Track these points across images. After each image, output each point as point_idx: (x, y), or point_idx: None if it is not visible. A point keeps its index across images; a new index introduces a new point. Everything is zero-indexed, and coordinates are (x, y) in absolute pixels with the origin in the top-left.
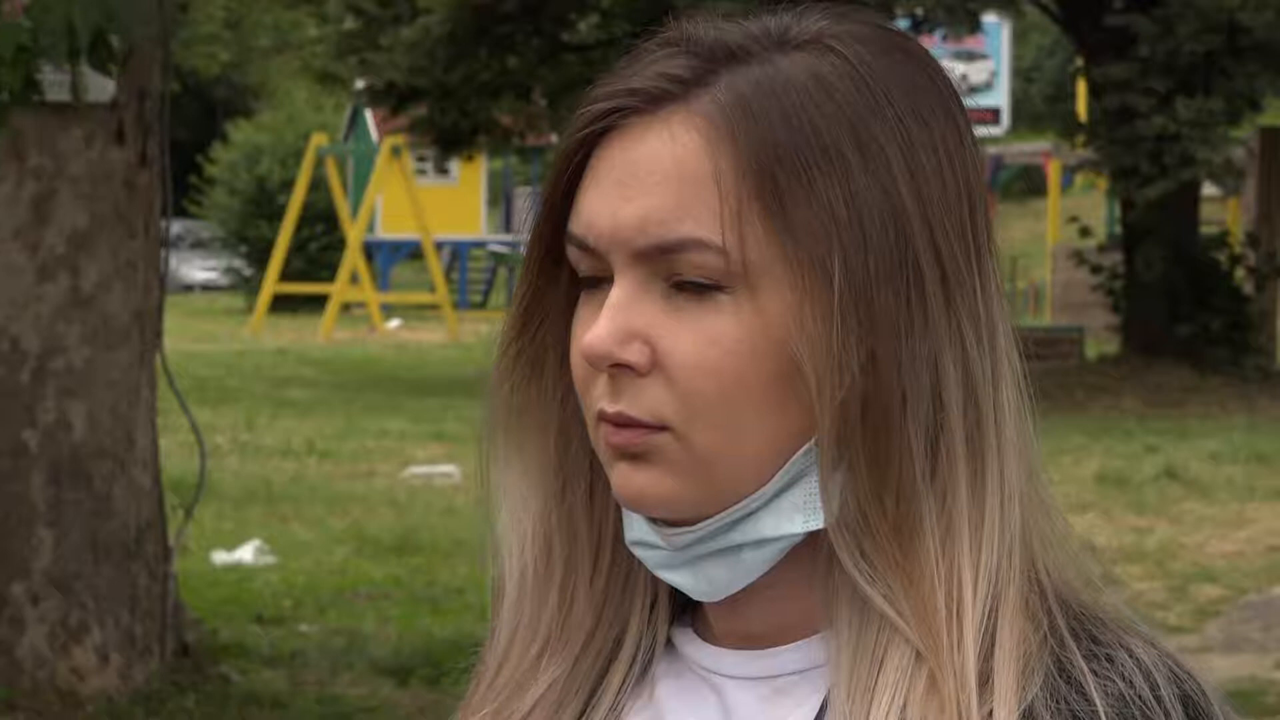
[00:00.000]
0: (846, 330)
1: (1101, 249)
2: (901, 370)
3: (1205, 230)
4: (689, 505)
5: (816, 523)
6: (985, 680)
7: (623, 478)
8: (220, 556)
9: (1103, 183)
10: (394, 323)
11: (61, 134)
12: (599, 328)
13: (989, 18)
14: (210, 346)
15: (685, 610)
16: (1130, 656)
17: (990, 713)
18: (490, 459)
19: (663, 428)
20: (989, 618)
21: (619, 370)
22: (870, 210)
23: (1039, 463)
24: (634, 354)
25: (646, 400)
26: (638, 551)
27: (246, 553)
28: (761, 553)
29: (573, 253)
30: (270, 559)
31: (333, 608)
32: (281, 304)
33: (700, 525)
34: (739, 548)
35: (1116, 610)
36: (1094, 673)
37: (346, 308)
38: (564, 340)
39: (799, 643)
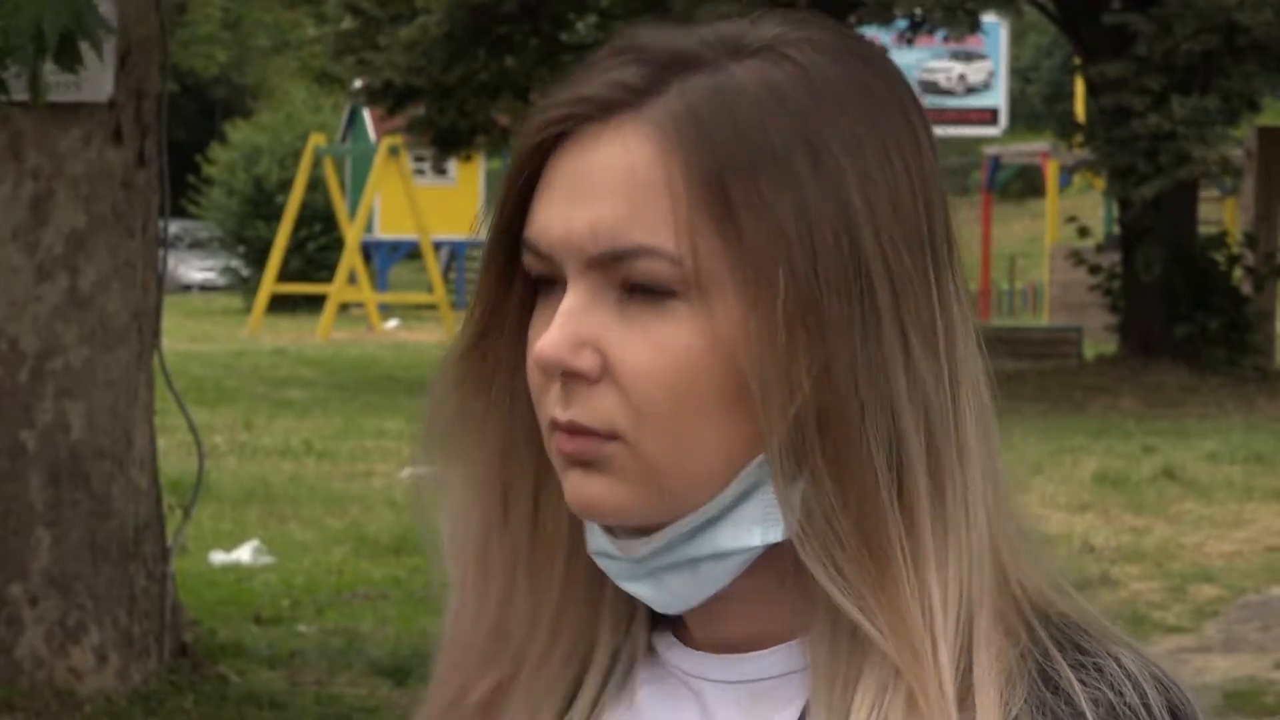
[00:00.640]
0: (794, 340)
1: (1100, 249)
2: (858, 381)
3: (1203, 230)
4: (640, 514)
5: (776, 535)
6: (965, 697)
7: (574, 486)
8: (218, 557)
9: (1100, 183)
10: (392, 323)
11: (59, 134)
12: (550, 334)
13: (988, 17)
14: (208, 347)
15: (667, 615)
16: (1118, 666)
17: None
18: (432, 463)
19: (614, 436)
20: (962, 633)
21: (570, 378)
22: (820, 220)
23: (1004, 473)
24: (585, 361)
25: (598, 408)
26: (600, 561)
27: (244, 553)
28: (721, 565)
29: (528, 258)
30: (268, 559)
31: (331, 608)
32: (279, 304)
33: (655, 536)
34: (697, 561)
35: (1095, 618)
36: (1082, 682)
37: (344, 308)
38: (517, 350)
39: (778, 647)
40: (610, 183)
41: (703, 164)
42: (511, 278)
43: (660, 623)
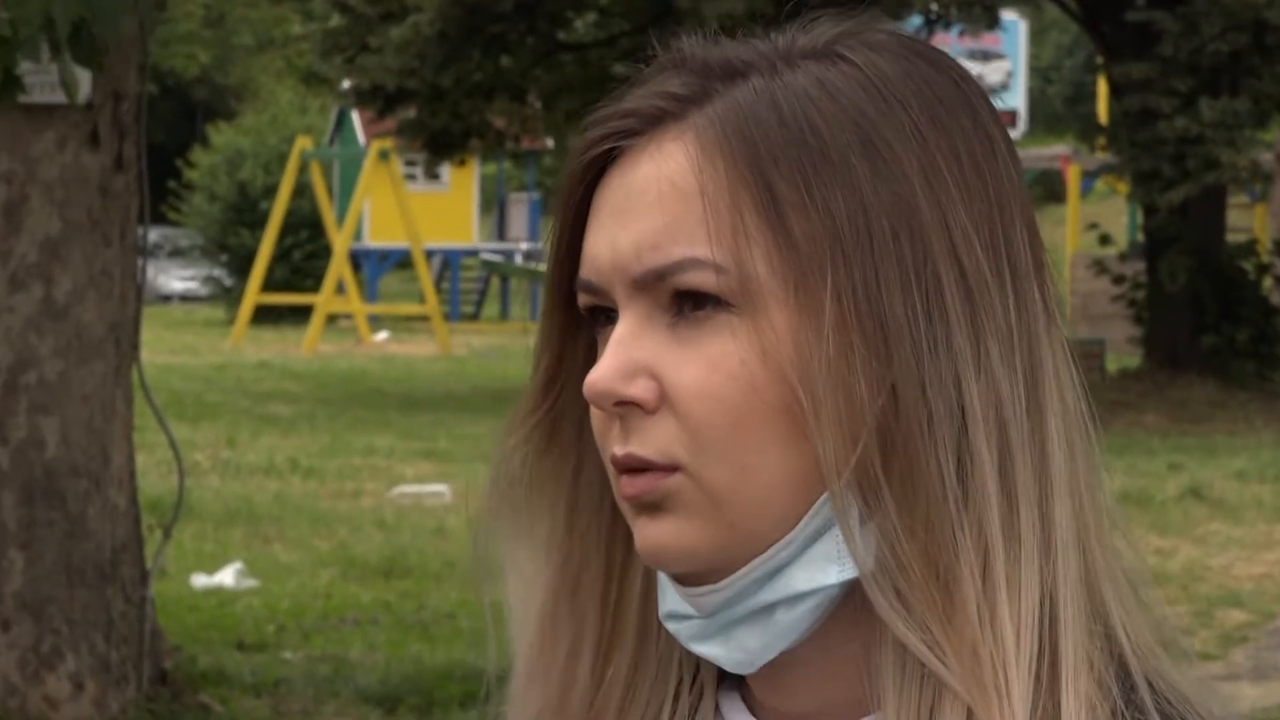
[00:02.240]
0: (848, 348)
1: (1123, 258)
2: (925, 391)
3: (1232, 238)
4: (710, 554)
5: (851, 571)
6: None
7: (642, 532)
8: (200, 580)
9: (1123, 188)
10: (382, 335)
11: (33, 137)
12: (602, 364)
13: (1006, 14)
14: (189, 360)
15: (735, 675)
16: None
17: None
18: (496, 534)
19: (675, 468)
20: (1042, 673)
21: (626, 409)
22: (879, 219)
23: (1105, 506)
24: (639, 389)
25: (656, 438)
26: (670, 625)
27: (227, 576)
28: (795, 611)
29: (583, 299)
30: (252, 582)
31: (318, 634)
32: (264, 315)
33: (726, 582)
34: (771, 608)
35: (1208, 697)
36: None
37: (332, 319)
38: (582, 404)
39: None
40: (652, 197)
41: (747, 164)
42: (576, 325)
43: (726, 681)
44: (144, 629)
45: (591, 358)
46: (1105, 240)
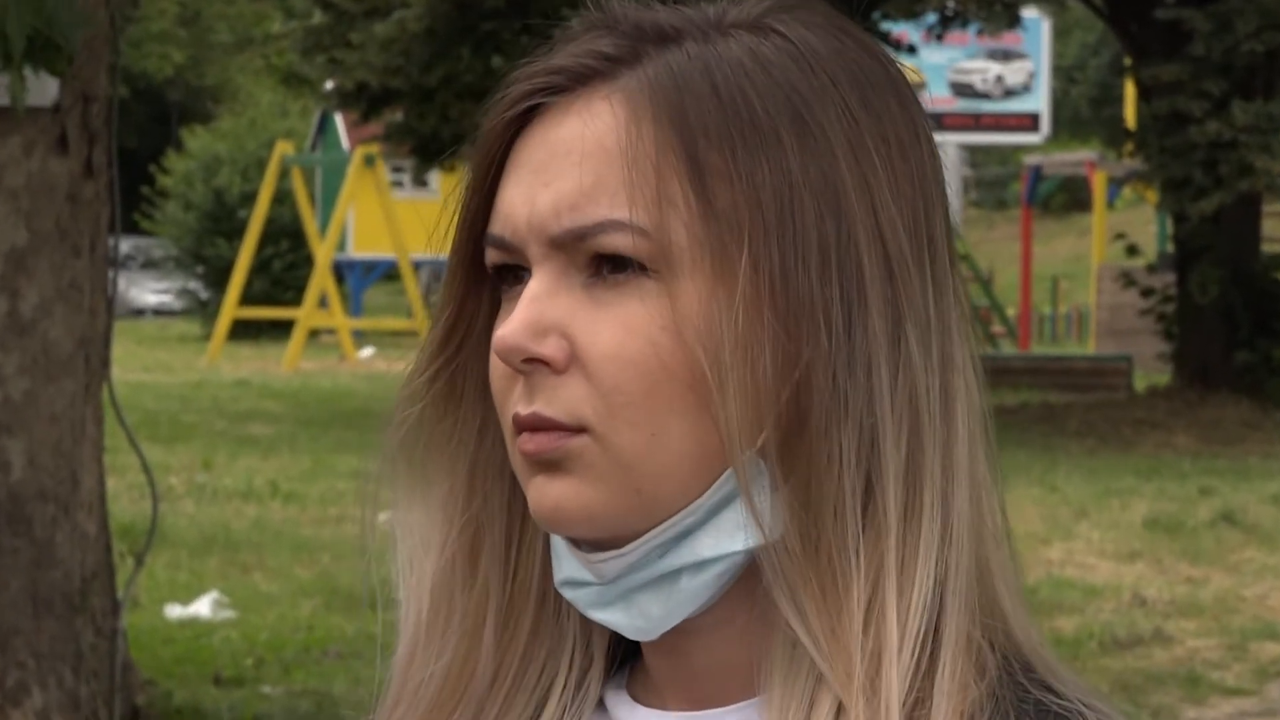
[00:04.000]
0: (760, 323)
1: (1151, 269)
2: (836, 372)
3: (1266, 249)
4: (612, 519)
5: (754, 539)
6: None
7: (538, 491)
8: (174, 610)
9: (1152, 196)
10: (367, 351)
11: None
12: (512, 320)
13: (1028, 12)
14: (163, 378)
15: (621, 669)
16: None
17: None
18: (390, 495)
19: (581, 429)
20: (922, 661)
21: (534, 367)
22: (804, 194)
23: (996, 499)
24: (549, 348)
25: (563, 399)
26: (567, 593)
27: (203, 606)
28: (700, 578)
29: (492, 254)
30: (229, 613)
31: (299, 667)
32: (242, 330)
33: (630, 547)
34: (676, 574)
35: (1061, 665)
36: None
37: (314, 335)
38: (485, 362)
39: (739, 704)
40: (576, 156)
41: (676, 130)
42: (481, 281)
43: (613, 677)
44: (115, 662)
45: (494, 316)
46: (1133, 251)
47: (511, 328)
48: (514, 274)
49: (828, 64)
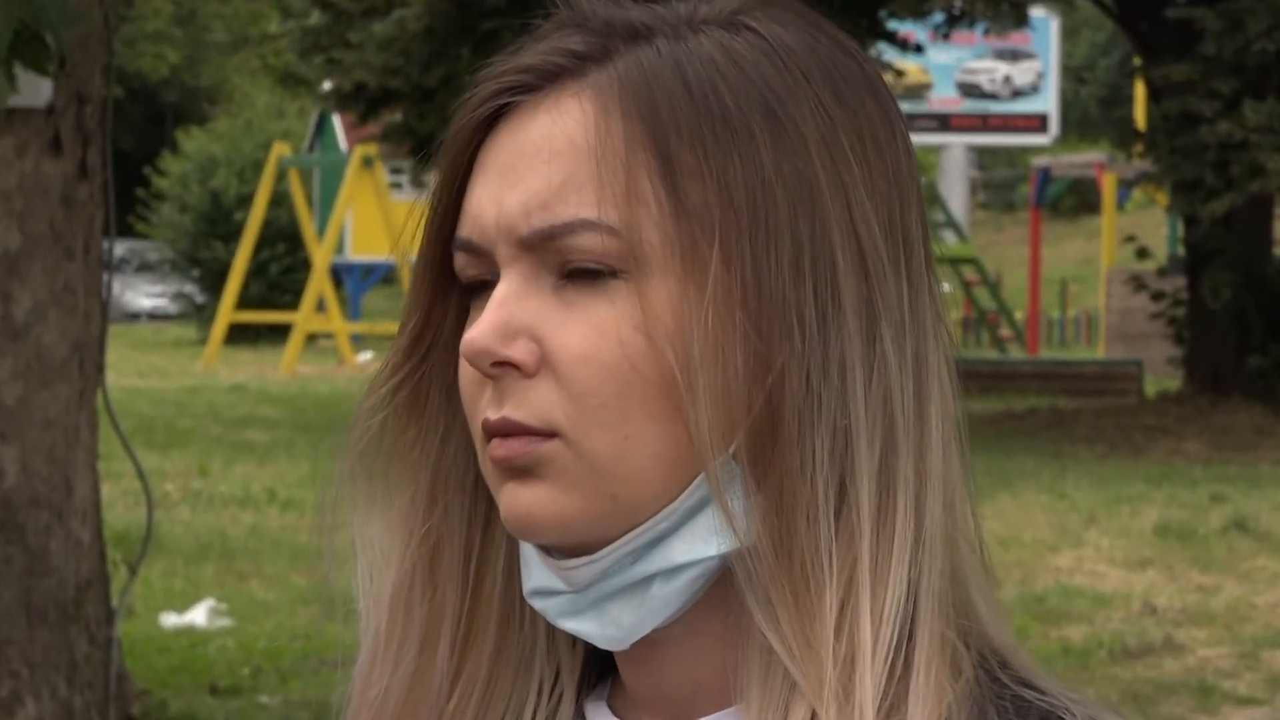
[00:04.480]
0: (731, 324)
1: (1162, 273)
2: (809, 374)
3: (1279, 251)
4: (585, 525)
5: (730, 543)
6: None
7: (510, 498)
8: (170, 619)
9: (1163, 198)
10: (365, 355)
11: None
12: (481, 323)
13: (1036, 11)
14: (158, 383)
15: (603, 682)
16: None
17: None
18: (350, 505)
19: (552, 434)
20: (897, 665)
21: (503, 370)
22: (777, 191)
23: (969, 504)
24: (519, 351)
25: (533, 402)
26: (536, 603)
27: (199, 615)
28: (673, 585)
29: (460, 259)
30: (226, 621)
31: (296, 676)
32: (238, 335)
33: (602, 553)
34: (648, 580)
35: (1039, 667)
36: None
37: (312, 339)
38: (451, 370)
39: (716, 715)
40: (545, 155)
41: (646, 126)
42: (449, 288)
43: (593, 688)
44: (110, 672)
45: (462, 322)
46: (1143, 254)
47: (480, 330)
48: (482, 280)
49: (801, 60)
